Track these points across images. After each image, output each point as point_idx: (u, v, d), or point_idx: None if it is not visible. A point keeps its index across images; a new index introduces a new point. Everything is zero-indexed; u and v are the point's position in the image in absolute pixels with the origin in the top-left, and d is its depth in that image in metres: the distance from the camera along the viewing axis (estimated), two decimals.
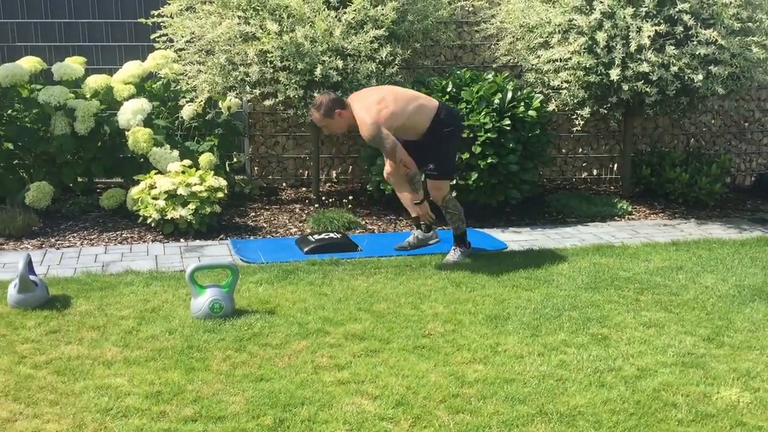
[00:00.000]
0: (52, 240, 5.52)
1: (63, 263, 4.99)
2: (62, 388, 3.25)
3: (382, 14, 5.95)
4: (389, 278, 4.70)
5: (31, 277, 4.14)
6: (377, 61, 5.96)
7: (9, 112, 6.43)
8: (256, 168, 7.32)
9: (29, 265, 4.16)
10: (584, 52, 5.99)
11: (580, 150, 7.61)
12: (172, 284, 4.53)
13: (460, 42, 7.27)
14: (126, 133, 6.26)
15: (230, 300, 4.07)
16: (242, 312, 4.09)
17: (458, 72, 6.37)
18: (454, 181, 5.79)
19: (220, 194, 5.72)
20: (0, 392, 3.20)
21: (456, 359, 3.58)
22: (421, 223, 4.97)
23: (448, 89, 6.08)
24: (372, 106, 4.61)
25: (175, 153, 6.10)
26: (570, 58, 6.05)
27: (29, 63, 6.53)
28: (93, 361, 3.51)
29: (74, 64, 6.60)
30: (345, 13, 5.92)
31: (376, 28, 5.92)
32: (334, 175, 7.40)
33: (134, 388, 3.25)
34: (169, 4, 6.30)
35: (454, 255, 5.08)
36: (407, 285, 4.59)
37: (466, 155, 5.79)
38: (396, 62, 6.12)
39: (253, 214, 6.33)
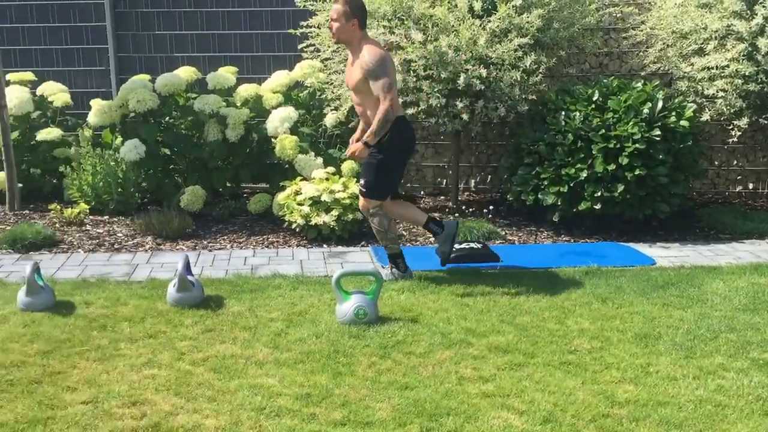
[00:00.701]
0: (204, 242, 5.80)
1: (215, 265, 5.23)
2: (219, 385, 3.40)
3: (527, 22, 5.87)
4: (531, 291, 4.62)
5: (189, 278, 4.36)
6: (521, 69, 5.88)
7: (167, 119, 6.82)
8: None
9: (187, 266, 4.39)
10: (743, 60, 5.67)
11: (735, 162, 7.20)
12: (317, 289, 4.64)
13: (606, 49, 7.06)
14: (272, 140, 6.50)
15: (374, 307, 4.13)
16: (385, 319, 4.13)
17: (605, 80, 6.19)
18: (599, 193, 5.64)
19: None
20: (162, 386, 3.39)
21: (605, 378, 3.47)
22: (430, 225, 4.88)
23: (594, 98, 5.91)
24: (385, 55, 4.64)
25: (319, 160, 6.26)
26: (727, 66, 5.74)
27: (186, 73, 6.90)
28: (246, 360, 3.65)
29: (227, 74, 6.92)
30: (489, 21, 5.89)
31: (520, 36, 5.85)
32: (473, 184, 7.37)
33: (285, 389, 3.36)
34: (317, 14, 6.48)
35: (385, 272, 4.88)
36: (550, 299, 4.49)
37: (612, 166, 5.61)
38: (540, 71, 6.02)
39: None
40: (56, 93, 6.99)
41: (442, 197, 7.25)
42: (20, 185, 6.70)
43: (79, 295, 4.49)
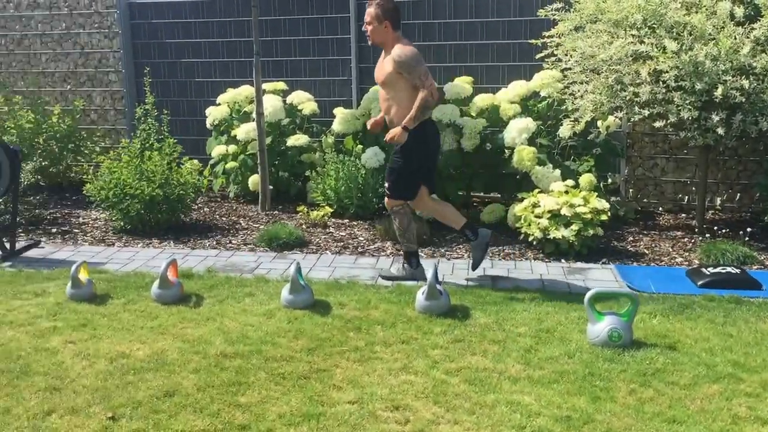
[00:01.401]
0: (441, 250, 5.90)
1: (455, 274, 5.29)
2: (475, 398, 3.42)
3: None
4: None
5: (437, 287, 4.45)
6: None
7: None
8: (631, 190, 7.11)
9: (435, 274, 4.47)
10: None
11: None
12: (562, 306, 4.55)
13: None
14: (506, 150, 6.47)
15: (629, 330, 3.97)
16: (640, 344, 3.96)
17: None
18: None
19: (603, 216, 5.64)
20: (421, 393, 3.47)
21: None
22: (466, 231, 5.14)
23: None
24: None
25: (557, 172, 6.15)
26: None
27: None
28: (499, 375, 3.65)
29: (464, 84, 7.00)
30: (753, 29, 5.47)
31: None
32: (718, 202, 6.89)
33: (543, 408, 3.31)
34: (557, 23, 6.37)
35: (395, 267, 5.23)
36: None
37: None
38: None
39: (631, 238, 6.14)
40: (305, 102, 7.44)
41: (683, 215, 6.85)
42: (271, 187, 7.21)
43: (333, 296, 4.73)
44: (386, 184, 5.13)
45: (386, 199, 5.16)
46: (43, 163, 7.50)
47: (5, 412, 3.32)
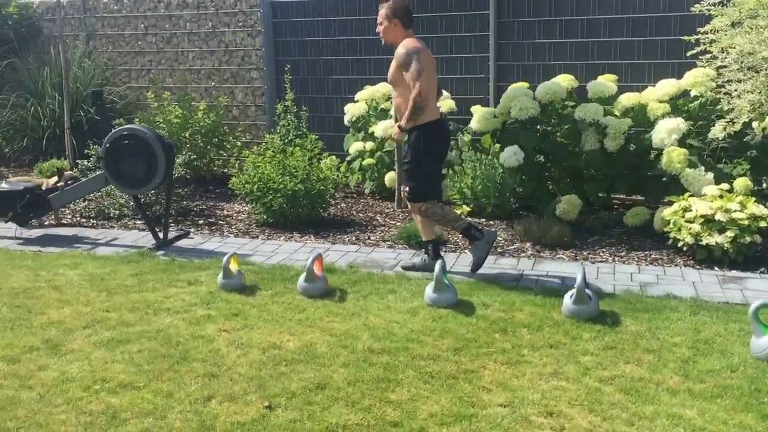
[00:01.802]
0: (584, 253, 5.73)
1: (600, 278, 5.12)
2: (633, 408, 3.29)
3: None
4: None
5: (586, 291, 4.31)
6: None
7: (544, 127, 6.87)
8: None
9: (584, 278, 4.34)
10: None
11: None
12: (720, 316, 4.31)
13: None
14: (651, 151, 6.21)
15: None
16: None
17: None
18: None
19: (762, 223, 5.31)
20: (575, 400, 3.37)
21: None
22: (428, 246, 5.27)
23: None
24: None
25: (710, 175, 5.84)
26: None
27: (565, 80, 6.89)
28: (656, 386, 3.49)
29: (608, 83, 6.77)
30: None
31: None
32: None
33: (707, 424, 3.14)
34: (711, 18, 6.04)
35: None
36: None
37: None
38: None
39: None
40: (443, 99, 7.42)
41: None
42: None
43: (476, 296, 4.69)
44: (406, 189, 5.18)
45: (410, 205, 5.26)
46: (192, 157, 7.85)
47: (168, 395, 3.48)
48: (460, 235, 5.55)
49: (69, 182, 6.48)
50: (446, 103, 7.40)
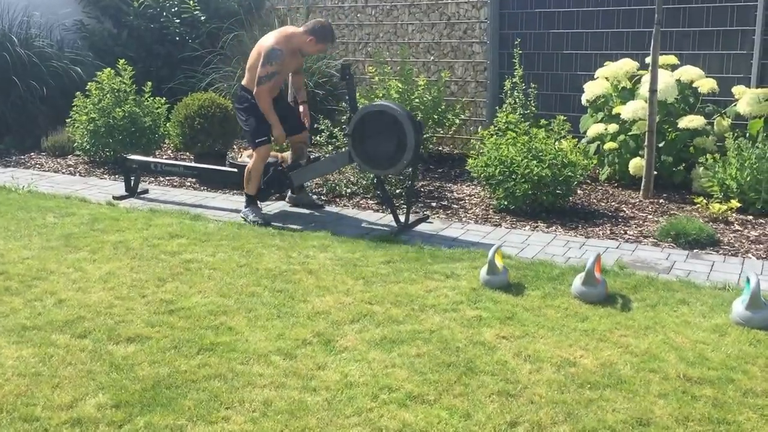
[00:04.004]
0: None
1: None
2: None
3: None
4: None
5: None
6: None
7: None
8: None
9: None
10: None
11: None
12: None
13: None
14: None
15: None
16: None
17: None
18: None
19: None
20: None
21: None
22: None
23: None
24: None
25: None
26: None
27: None
28: None
29: None
30: None
31: None
32: None
33: None
34: None
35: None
36: None
37: None
38: None
39: None
40: (700, 79, 6.64)
41: None
42: (654, 173, 6.56)
43: None
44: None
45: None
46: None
47: (466, 416, 3.14)
48: None
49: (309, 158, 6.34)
50: (706, 84, 6.60)
